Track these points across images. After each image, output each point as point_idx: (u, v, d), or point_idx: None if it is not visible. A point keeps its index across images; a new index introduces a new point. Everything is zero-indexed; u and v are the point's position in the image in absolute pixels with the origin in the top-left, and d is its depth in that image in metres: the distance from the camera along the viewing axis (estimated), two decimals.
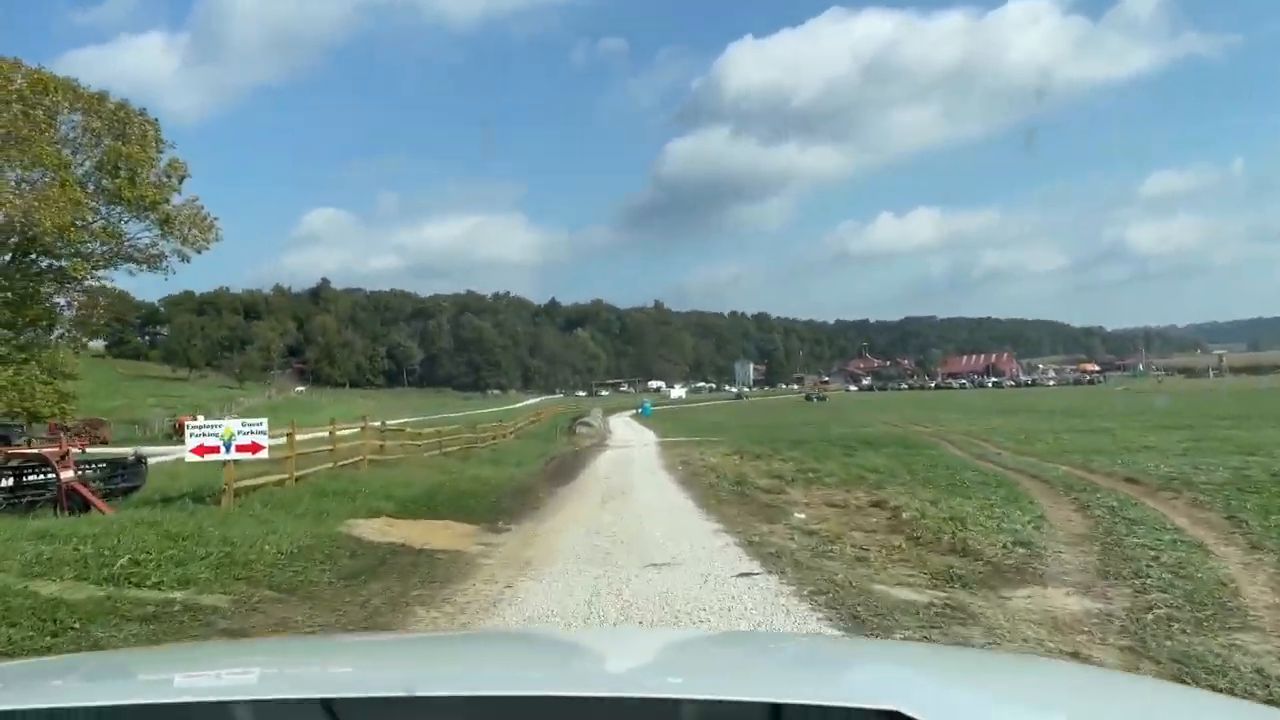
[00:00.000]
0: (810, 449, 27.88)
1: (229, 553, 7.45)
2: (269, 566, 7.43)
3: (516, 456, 26.54)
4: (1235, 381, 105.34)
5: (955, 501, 11.92)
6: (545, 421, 49.69)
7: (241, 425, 10.63)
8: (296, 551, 8.15)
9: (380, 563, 8.24)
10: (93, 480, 12.33)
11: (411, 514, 12.17)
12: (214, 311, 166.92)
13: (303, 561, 7.85)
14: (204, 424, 10.59)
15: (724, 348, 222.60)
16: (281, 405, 70.03)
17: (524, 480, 20.11)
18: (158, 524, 8.39)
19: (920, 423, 48.41)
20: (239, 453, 10.56)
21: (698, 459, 25.78)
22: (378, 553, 8.80)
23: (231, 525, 8.92)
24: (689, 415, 70.85)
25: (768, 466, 21.62)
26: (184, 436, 30.51)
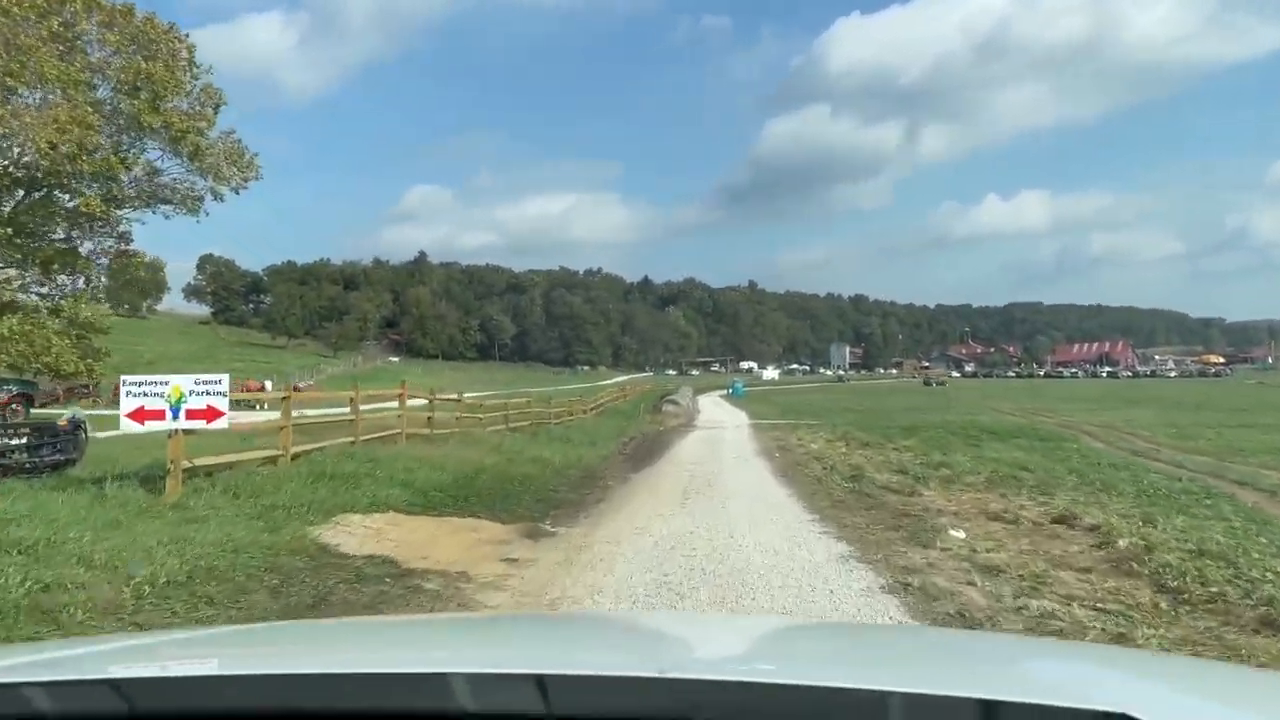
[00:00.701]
0: (927, 437, 24.24)
1: (57, 580, 4.61)
2: (103, 610, 4.53)
3: (592, 435, 23.66)
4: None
5: (1178, 521, 8.41)
6: (631, 399, 46.80)
7: (194, 384, 7.85)
8: (192, 575, 5.29)
9: (320, 599, 5.33)
10: (8, 452, 9.94)
11: (432, 507, 9.32)
12: (314, 282, 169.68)
13: (185, 596, 4.96)
14: (143, 381, 7.82)
15: (819, 330, 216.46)
16: (365, 374, 69.07)
17: (594, 464, 17.16)
18: (10, 521, 5.70)
19: (1042, 412, 43.85)
20: (190, 420, 7.82)
21: (797, 445, 22.43)
22: (334, 575, 5.91)
23: (133, 526, 6.18)
24: (783, 397, 66.98)
25: (884, 457, 18.17)
26: (248, 404, 28.25)
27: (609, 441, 23.07)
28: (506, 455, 14.95)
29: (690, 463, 17.72)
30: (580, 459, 17.52)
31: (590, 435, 23.57)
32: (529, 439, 19.77)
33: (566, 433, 22.83)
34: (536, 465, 14.61)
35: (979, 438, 24.63)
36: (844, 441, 23.30)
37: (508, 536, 8.27)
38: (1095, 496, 10.67)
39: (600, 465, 17.21)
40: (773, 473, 15.35)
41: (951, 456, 17.45)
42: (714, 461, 18.03)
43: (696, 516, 9.81)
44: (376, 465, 10.34)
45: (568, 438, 21.56)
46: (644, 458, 19.47)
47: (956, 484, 12.41)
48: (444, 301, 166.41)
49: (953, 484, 12.41)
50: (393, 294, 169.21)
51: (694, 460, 18.44)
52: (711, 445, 23.28)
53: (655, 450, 21.73)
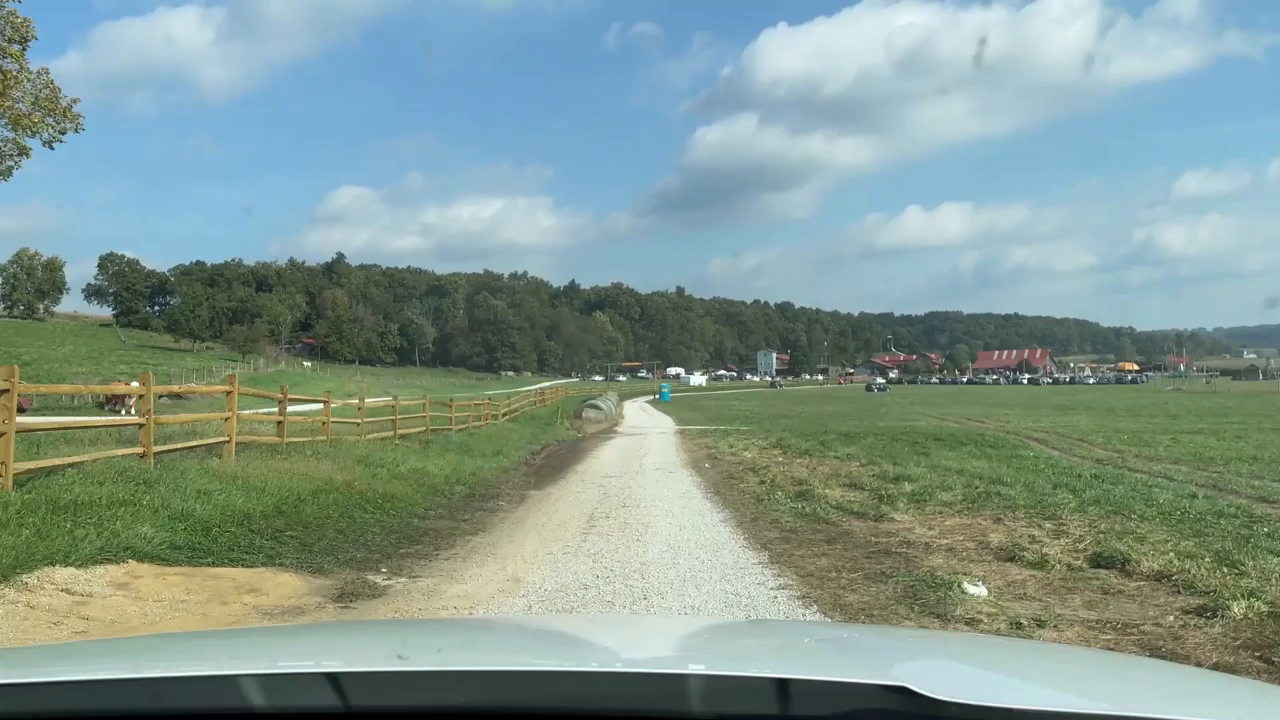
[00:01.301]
0: (870, 445, 21.97)
1: None
2: None
3: (498, 444, 20.75)
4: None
5: (1275, 565, 5.97)
6: (551, 404, 43.86)
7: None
8: None
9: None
10: None
11: (207, 553, 6.39)
12: (224, 283, 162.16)
13: None
14: None
15: (746, 336, 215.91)
16: (264, 377, 64.56)
17: (490, 478, 14.30)
18: None
19: (977, 417, 42.31)
20: None
21: (729, 454, 19.89)
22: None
23: None
24: (711, 403, 64.70)
25: (829, 468, 15.71)
26: (114, 407, 24.58)
27: (517, 451, 20.20)
28: (372, 470, 11.99)
29: (606, 476, 14.97)
30: (474, 472, 14.64)
31: (496, 444, 20.66)
32: (417, 449, 16.79)
33: (468, 441, 19.86)
34: (409, 483, 11.69)
35: (925, 445, 22.44)
36: (780, 449, 20.85)
37: (306, 600, 5.42)
38: (1115, 522, 8.25)
39: (497, 480, 14.35)
40: (703, 489, 12.70)
41: (907, 468, 15.06)
42: (634, 474, 15.32)
43: (601, 558, 7.07)
44: (152, 488, 7.33)
45: (467, 447, 18.62)
46: (553, 470, 16.67)
47: (929, 503, 9.91)
48: (361, 304, 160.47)
49: (924, 503, 9.91)
50: (308, 296, 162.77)
51: (611, 472, 15.71)
52: (633, 454, 20.58)
53: (568, 460, 18.93)
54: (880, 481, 12.30)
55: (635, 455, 20.18)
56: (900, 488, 11.29)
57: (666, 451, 21.27)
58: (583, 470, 16.48)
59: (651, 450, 21.67)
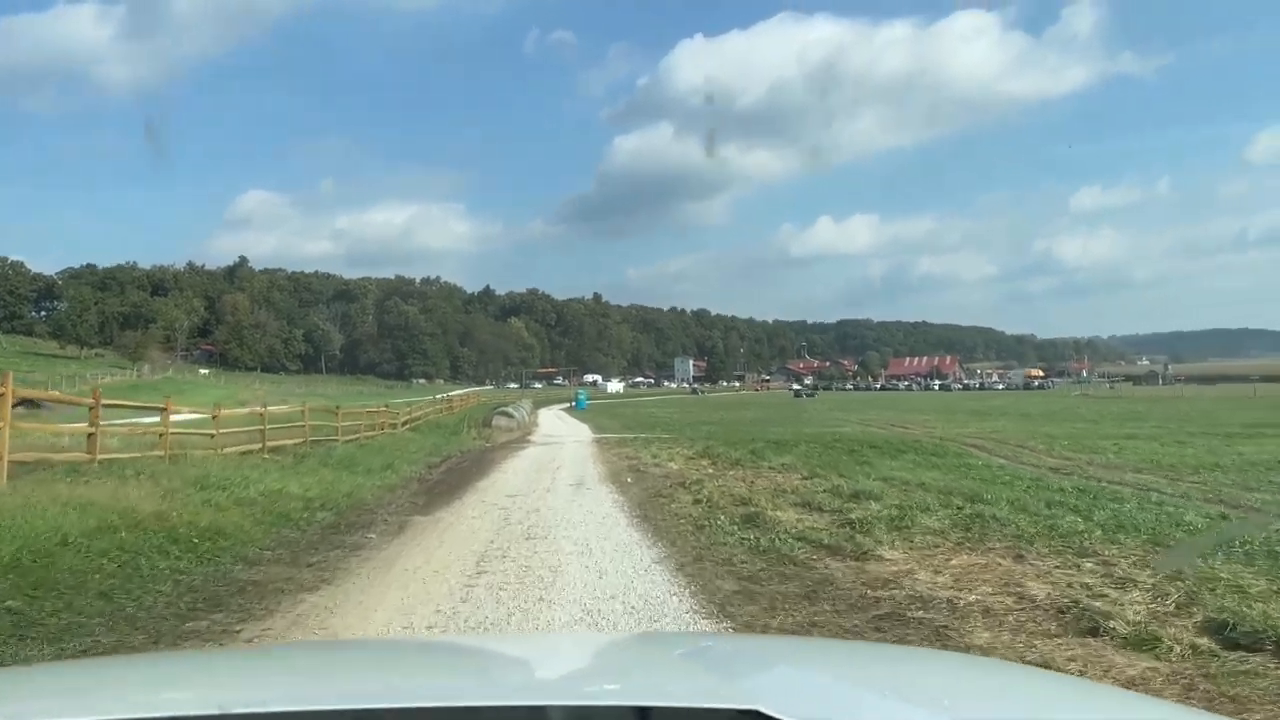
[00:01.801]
0: (805, 454, 20.13)
1: None
2: None
3: (390, 457, 18.12)
4: (1196, 390, 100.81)
5: None
6: (459, 411, 41.05)
7: None
8: None
9: None
10: None
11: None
12: (117, 287, 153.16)
13: None
14: None
15: (663, 343, 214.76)
16: (146, 385, 59.88)
17: (369, 501, 11.76)
18: None
19: (901, 423, 41.14)
20: None
21: (652, 464, 17.70)
22: None
23: None
24: (629, 409, 62.45)
25: (769, 481, 13.66)
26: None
27: (412, 464, 17.60)
28: (207, 494, 9.37)
29: (511, 494, 12.59)
30: (350, 493, 12.09)
31: (388, 456, 18.02)
32: (288, 464, 14.15)
33: (354, 454, 17.20)
34: (253, 510, 9.12)
35: (863, 453, 20.66)
36: (708, 459, 18.75)
37: None
38: (1147, 553, 6.30)
39: (378, 501, 11.82)
40: (627, 511, 10.42)
41: (858, 481, 13.10)
42: (544, 492, 12.96)
43: (483, 631, 4.74)
44: None
45: (351, 461, 15.98)
46: (450, 487, 14.19)
47: (914, 530, 7.85)
48: (264, 309, 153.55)
49: (908, 531, 7.84)
50: (207, 301, 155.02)
51: (517, 490, 13.32)
52: (545, 467, 18.21)
53: (470, 475, 16.45)
54: (837, 500, 10.25)
55: (547, 468, 17.81)
56: (867, 508, 9.23)
57: (583, 463, 18.96)
58: (484, 487, 14.04)
59: (566, 462, 19.32)
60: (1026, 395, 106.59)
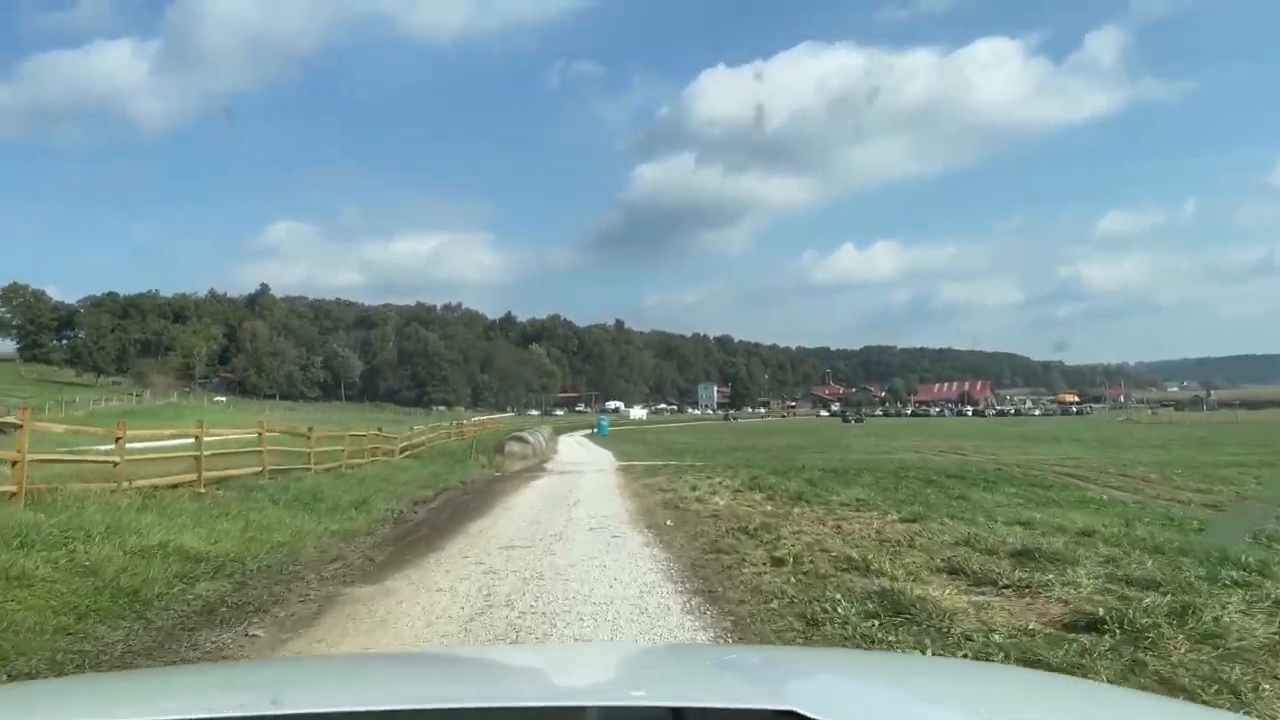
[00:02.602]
0: (875, 485, 16.63)
1: None
2: None
3: (370, 490, 14.72)
4: (1246, 416, 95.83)
5: None
6: (471, 437, 37.66)
7: None
8: None
9: None
10: None
11: None
12: (138, 315, 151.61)
13: None
14: None
15: (686, 370, 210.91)
16: (142, 411, 56.92)
17: (307, 558, 8.36)
18: None
19: (956, 449, 37.37)
20: None
21: (694, 500, 14.15)
22: None
23: None
24: (654, 436, 58.84)
25: (863, 527, 10.06)
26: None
27: (393, 500, 14.16)
28: (18, 555, 5.93)
29: (508, 545, 9.11)
30: (285, 544, 8.68)
31: (367, 490, 14.60)
32: (217, 504, 10.75)
33: (321, 488, 13.75)
34: (90, 580, 5.75)
35: (944, 484, 17.07)
36: (760, 492, 15.19)
37: None
38: None
39: (316, 559, 8.39)
40: (675, 577, 6.91)
41: (980, 523, 9.52)
42: (553, 542, 9.46)
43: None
44: None
45: (314, 497, 12.56)
46: (430, 533, 10.73)
47: (1228, 640, 4.27)
48: (282, 336, 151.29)
49: (1219, 641, 4.26)
50: (228, 329, 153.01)
51: (517, 538, 9.83)
52: (560, 502, 14.70)
53: (463, 514, 12.97)
54: (1000, 562, 6.69)
55: (562, 504, 14.28)
56: (1072, 581, 5.65)
57: (606, 497, 15.43)
58: (477, 533, 10.55)
59: (586, 496, 15.79)
60: (1069, 421, 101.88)
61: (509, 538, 9.91)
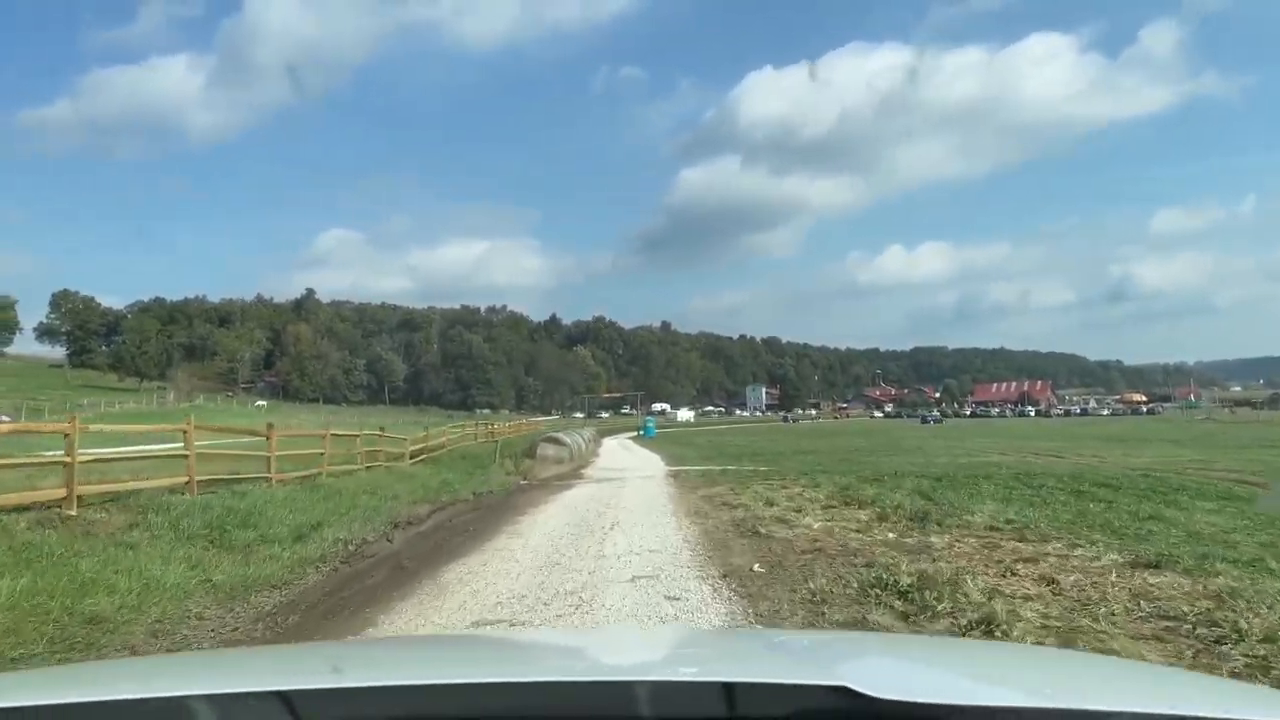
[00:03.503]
0: (1008, 497, 12.52)
1: None
2: None
3: (336, 507, 11.01)
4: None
5: None
6: (504, 438, 34.03)
7: None
8: None
9: None
10: None
11: None
12: (184, 320, 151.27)
13: None
14: None
15: (733, 371, 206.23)
16: (154, 413, 54.23)
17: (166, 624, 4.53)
18: None
19: (1052, 452, 32.89)
20: None
21: (773, 519, 10.15)
22: None
23: None
24: (704, 438, 54.78)
25: (1092, 581, 5.98)
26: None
27: (366, 522, 10.39)
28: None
29: (490, 616, 5.22)
30: (104, 615, 4.82)
31: (330, 510, 10.86)
32: (75, 531, 7.01)
33: (268, 504, 10.01)
34: None
35: (1100, 495, 12.88)
36: (861, 509, 11.11)
37: None
38: None
39: (141, 649, 4.55)
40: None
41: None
42: (567, 609, 5.54)
43: None
44: None
45: (243, 522, 8.84)
46: (383, 585, 6.92)
47: None
48: (326, 340, 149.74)
49: None
50: (272, 333, 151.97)
51: (510, 598, 5.97)
52: (591, 527, 10.76)
53: (451, 547, 9.13)
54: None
55: (595, 528, 10.34)
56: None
57: (656, 517, 11.47)
58: (454, 583, 6.70)
59: (628, 515, 11.84)
60: (1144, 421, 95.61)
61: (497, 596, 6.05)
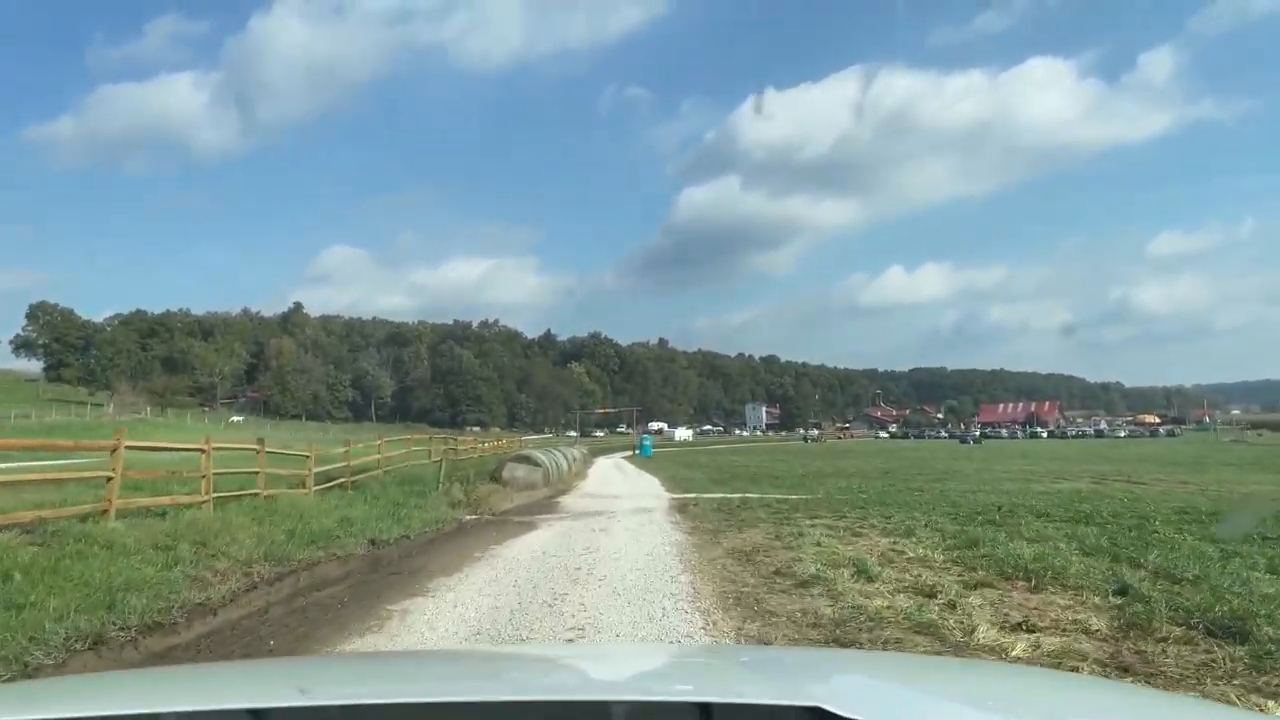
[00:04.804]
0: (1171, 548, 7.09)
1: None
2: None
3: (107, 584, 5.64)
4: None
5: None
6: (475, 456, 28.73)
7: None
8: None
9: None
10: None
11: None
12: (165, 333, 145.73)
13: None
14: None
15: (732, 390, 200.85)
16: (84, 426, 48.78)
17: None
18: None
19: (1118, 476, 27.71)
20: None
21: (898, 616, 4.90)
22: None
23: None
24: (707, 457, 49.38)
25: None
26: None
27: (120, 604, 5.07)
28: None
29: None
30: None
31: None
32: None
33: None
34: None
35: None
36: (1036, 588, 5.90)
37: None
38: None
39: None
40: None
41: None
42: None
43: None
44: None
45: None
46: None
47: None
48: (310, 354, 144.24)
49: None
50: (257, 347, 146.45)
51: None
52: (532, 622, 5.46)
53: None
54: None
55: (538, 632, 5.10)
56: None
57: (661, 598, 6.22)
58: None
59: (608, 588, 6.63)
60: (1170, 443, 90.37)
61: None
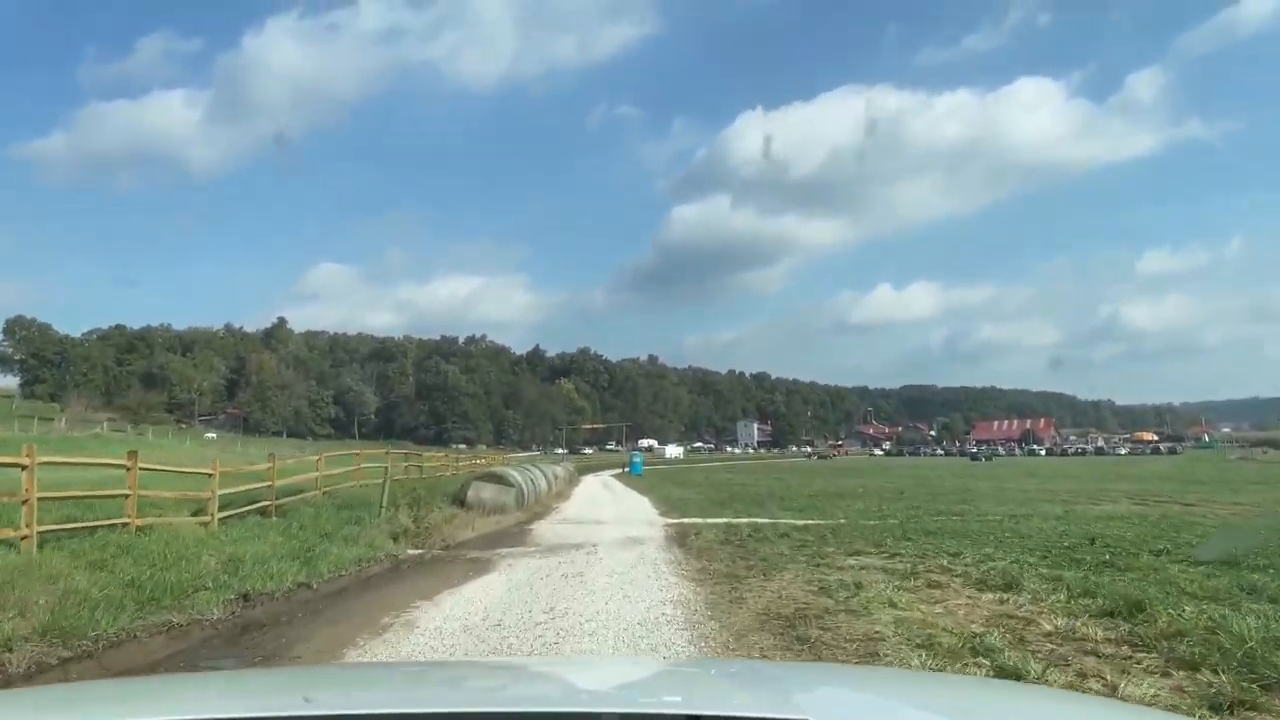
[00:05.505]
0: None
1: None
2: None
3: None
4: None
5: None
6: (441, 476, 25.73)
7: None
8: None
9: None
10: None
11: None
12: (145, 348, 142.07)
13: None
14: None
15: (722, 406, 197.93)
16: (56, 441, 45.27)
17: None
18: None
19: (1149, 496, 24.89)
20: None
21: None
22: None
23: None
24: (702, 475, 46.36)
25: None
26: None
27: None
28: None
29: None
30: None
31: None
32: None
33: None
34: None
35: None
36: None
37: None
38: None
39: None
40: None
41: None
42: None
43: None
44: None
45: None
46: None
47: None
48: (291, 370, 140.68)
49: None
50: (238, 362, 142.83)
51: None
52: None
53: None
54: None
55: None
56: None
57: None
58: None
59: None
60: (1177, 460, 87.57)
61: None
